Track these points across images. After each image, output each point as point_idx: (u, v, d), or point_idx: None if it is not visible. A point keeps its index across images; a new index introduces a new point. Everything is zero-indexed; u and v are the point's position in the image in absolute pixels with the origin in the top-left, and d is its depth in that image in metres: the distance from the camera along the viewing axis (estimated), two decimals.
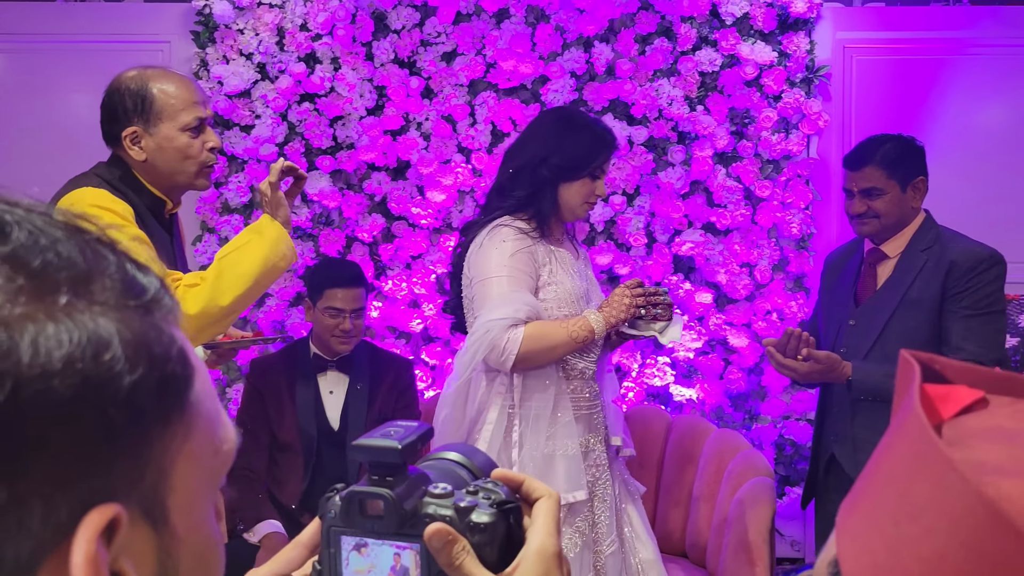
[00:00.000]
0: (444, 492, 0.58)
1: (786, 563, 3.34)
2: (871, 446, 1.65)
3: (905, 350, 0.46)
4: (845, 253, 2.48)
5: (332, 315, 2.69)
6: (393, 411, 2.75)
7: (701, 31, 3.31)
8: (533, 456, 1.99)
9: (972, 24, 3.38)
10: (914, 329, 2.20)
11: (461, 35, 3.29)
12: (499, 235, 2.03)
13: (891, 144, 2.28)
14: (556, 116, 2.20)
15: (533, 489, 0.61)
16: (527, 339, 1.93)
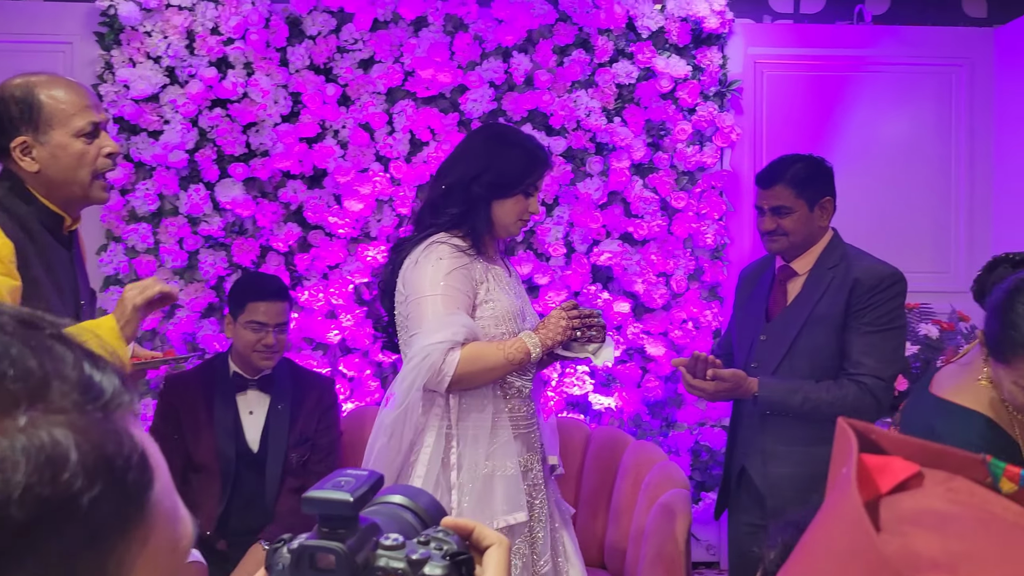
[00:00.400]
0: (396, 544, 0.57)
1: (702, 567, 3.41)
2: (780, 460, 1.67)
3: (842, 419, 0.46)
4: (758, 269, 2.53)
5: (255, 329, 2.60)
6: (315, 432, 2.69)
7: (618, 44, 3.35)
8: (472, 477, 1.96)
9: (874, 43, 3.51)
10: (821, 345, 2.26)
11: (378, 42, 3.25)
12: (435, 252, 1.99)
13: (801, 164, 2.34)
14: (489, 133, 2.18)
15: (483, 537, 0.61)
16: (463, 361, 1.90)
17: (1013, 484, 0.41)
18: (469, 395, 2.00)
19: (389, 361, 3.31)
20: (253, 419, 2.66)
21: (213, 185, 3.20)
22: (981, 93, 3.55)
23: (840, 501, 0.41)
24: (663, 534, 2.37)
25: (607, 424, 3.34)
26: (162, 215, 3.21)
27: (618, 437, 3.01)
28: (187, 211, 3.18)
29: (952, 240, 3.57)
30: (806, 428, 2.25)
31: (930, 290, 3.29)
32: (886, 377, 2.21)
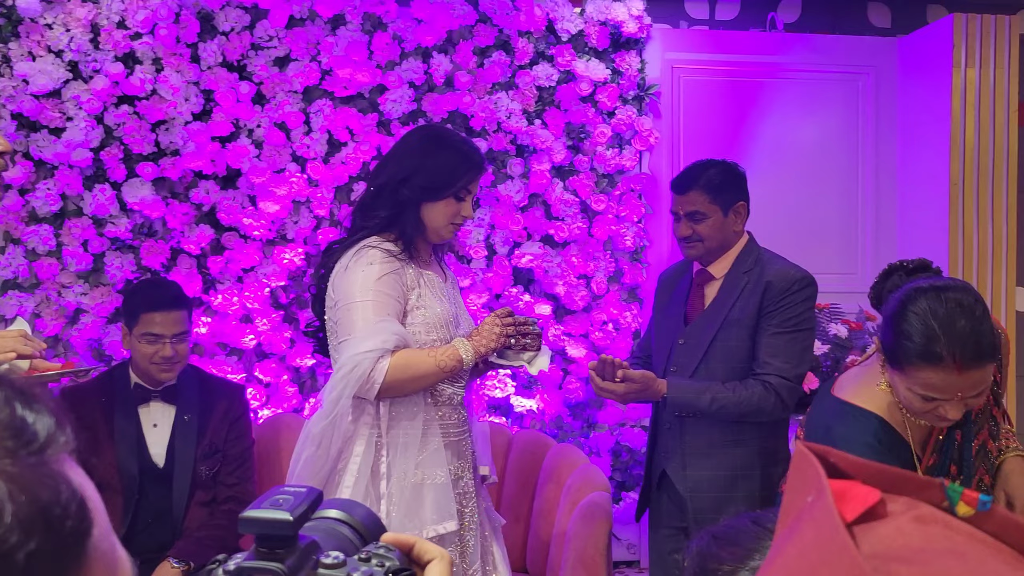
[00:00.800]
0: (336, 562, 0.56)
1: (623, 566, 3.44)
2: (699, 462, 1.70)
3: (801, 442, 0.45)
4: (676, 272, 2.56)
5: (150, 341, 2.48)
6: (225, 442, 2.58)
7: (538, 46, 3.36)
8: (402, 486, 1.92)
9: (786, 50, 3.61)
10: (735, 348, 2.30)
11: (294, 40, 3.18)
12: (366, 257, 1.94)
13: (715, 170, 2.37)
14: (422, 134, 2.12)
15: (424, 552, 0.61)
16: (393, 368, 1.86)
17: (970, 508, 0.41)
18: (399, 403, 1.96)
19: (307, 366, 3.24)
20: (158, 432, 2.53)
21: (120, 185, 3.08)
22: (886, 99, 3.69)
23: (819, 534, 0.40)
24: (584, 537, 2.38)
25: (528, 426, 3.34)
26: (65, 216, 3.07)
27: (540, 440, 3.01)
28: (92, 212, 3.05)
29: (859, 242, 3.70)
30: (723, 431, 2.29)
31: (839, 291, 3.40)
32: (792, 377, 2.25)
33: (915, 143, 3.58)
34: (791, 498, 0.45)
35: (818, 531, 0.40)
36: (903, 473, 0.43)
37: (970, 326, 1.51)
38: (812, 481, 0.42)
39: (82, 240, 3.06)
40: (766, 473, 2.29)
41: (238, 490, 2.56)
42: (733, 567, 0.78)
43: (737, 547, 0.80)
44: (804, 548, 0.41)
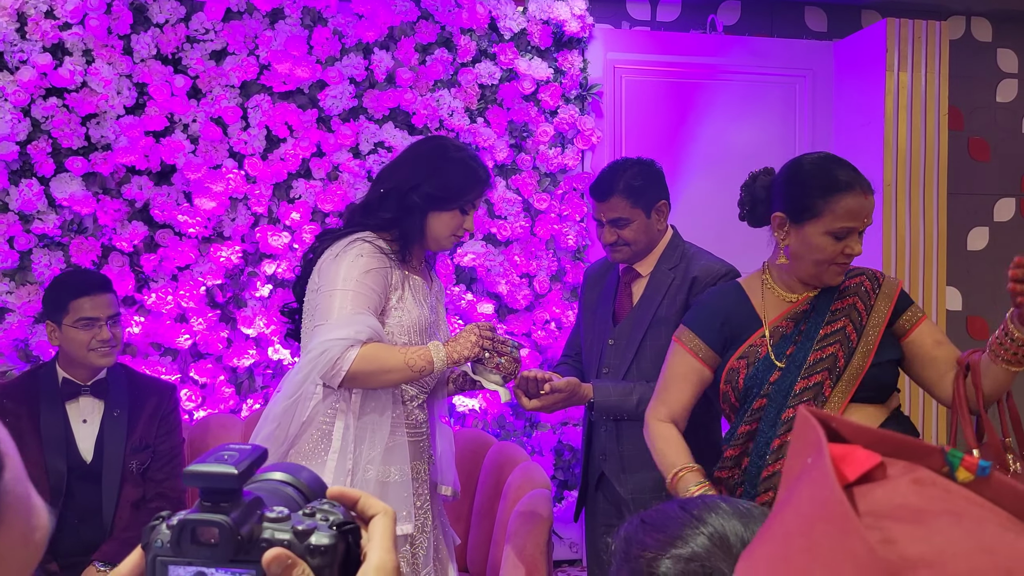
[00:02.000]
0: (281, 516, 0.57)
1: (565, 565, 3.44)
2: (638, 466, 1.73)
3: (804, 407, 0.45)
4: (603, 269, 2.52)
5: (85, 326, 2.42)
6: (155, 438, 2.53)
7: (480, 44, 3.34)
8: (365, 479, 1.92)
9: (725, 52, 3.66)
10: (665, 347, 2.24)
11: (231, 33, 3.11)
12: (356, 249, 1.94)
13: (632, 171, 2.32)
14: (435, 143, 2.13)
15: (368, 507, 0.61)
16: (360, 359, 1.84)
17: (969, 474, 0.42)
18: (370, 397, 1.95)
19: (245, 367, 3.17)
20: (87, 428, 2.47)
21: (48, 180, 2.98)
22: (822, 102, 3.76)
23: (815, 493, 0.40)
24: (524, 535, 2.36)
25: (471, 426, 3.32)
26: None
27: (481, 438, 2.99)
28: (18, 208, 2.94)
29: None
30: None
31: None
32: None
33: (850, 145, 3.66)
34: (792, 462, 0.45)
35: (815, 490, 0.41)
36: (903, 438, 0.44)
37: (851, 165, 1.84)
38: (812, 443, 0.42)
39: (8, 237, 2.95)
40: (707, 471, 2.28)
41: (167, 486, 2.51)
42: (655, 554, 0.78)
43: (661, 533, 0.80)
44: (801, 506, 0.42)
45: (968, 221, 3.98)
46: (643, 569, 0.78)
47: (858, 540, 0.37)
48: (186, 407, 3.08)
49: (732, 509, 0.80)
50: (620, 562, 0.81)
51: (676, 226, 2.44)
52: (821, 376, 1.84)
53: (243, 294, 3.18)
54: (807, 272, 1.87)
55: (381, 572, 0.58)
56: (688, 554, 0.77)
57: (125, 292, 3.05)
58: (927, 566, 0.37)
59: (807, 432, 0.44)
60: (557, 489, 3.37)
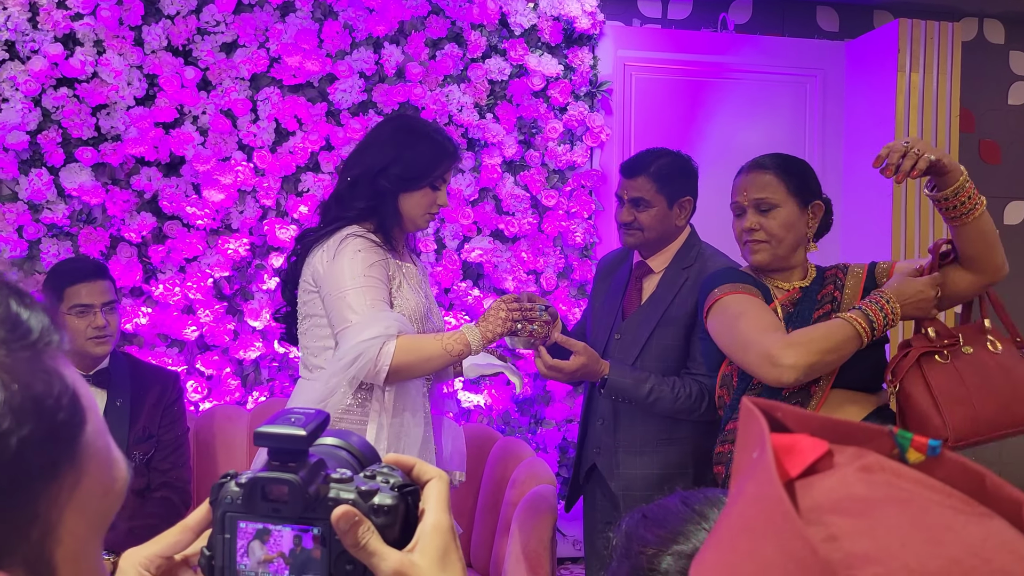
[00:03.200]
0: (344, 476, 0.60)
1: (568, 562, 3.44)
2: (632, 461, 1.73)
3: (747, 397, 0.44)
4: (616, 261, 2.51)
5: (80, 313, 2.40)
6: (159, 428, 2.52)
7: (491, 40, 3.34)
8: None
9: (736, 51, 3.64)
10: (671, 347, 2.26)
11: (242, 26, 3.12)
12: (353, 245, 1.94)
13: (667, 159, 2.32)
14: (396, 124, 2.11)
15: (424, 472, 0.64)
16: (400, 351, 1.85)
17: (920, 454, 0.41)
18: (401, 395, 1.95)
19: (251, 359, 3.17)
20: None
21: (58, 170, 2.99)
22: (832, 102, 3.75)
23: (758, 491, 0.39)
24: (528, 530, 2.36)
25: (476, 422, 3.32)
26: (0, 200, 2.97)
27: (486, 434, 2.99)
28: (28, 197, 2.95)
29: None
30: (657, 428, 2.26)
31: None
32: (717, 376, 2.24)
33: (860, 145, 3.64)
34: (739, 455, 0.44)
35: (758, 488, 0.39)
36: (850, 423, 0.42)
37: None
38: (755, 436, 0.41)
39: (17, 226, 2.96)
40: (699, 473, 2.25)
41: (172, 476, 2.51)
42: (656, 550, 0.78)
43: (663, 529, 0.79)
44: (746, 506, 0.40)
45: None
46: (644, 565, 0.77)
47: (799, 541, 0.36)
48: (192, 398, 3.08)
49: None
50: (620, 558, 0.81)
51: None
52: None
53: (250, 287, 3.19)
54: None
55: (438, 530, 0.61)
56: (690, 550, 0.76)
57: (133, 283, 3.06)
58: (872, 563, 0.36)
59: (751, 424, 0.43)
60: (561, 486, 3.36)
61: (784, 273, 2.00)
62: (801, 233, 1.97)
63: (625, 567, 0.79)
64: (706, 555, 0.43)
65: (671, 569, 0.76)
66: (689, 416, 2.21)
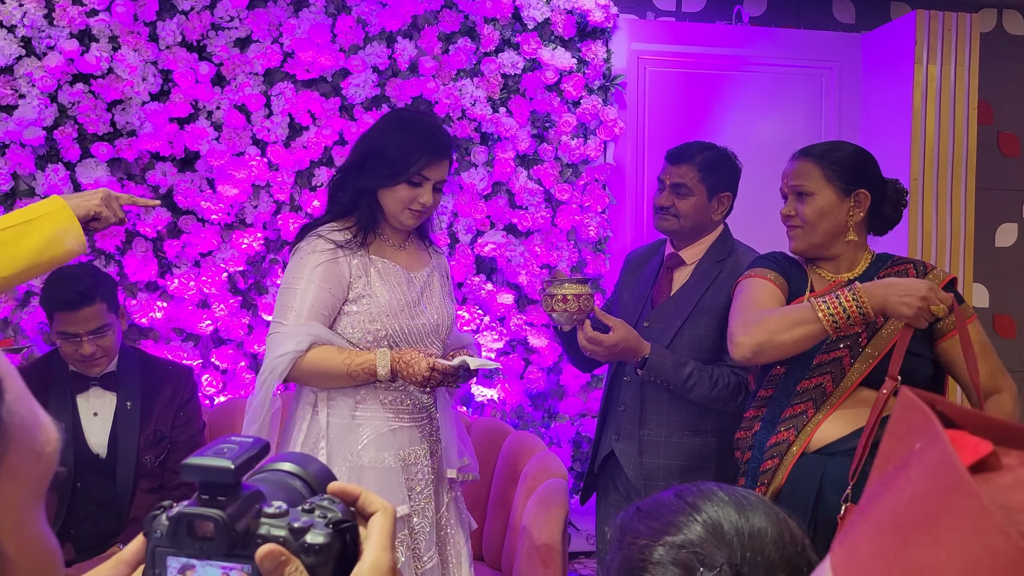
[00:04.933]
0: (279, 512, 0.56)
1: (581, 557, 3.44)
2: (656, 452, 1.72)
3: (907, 389, 0.43)
4: (646, 254, 2.52)
5: (67, 339, 2.33)
6: (172, 428, 2.48)
7: (504, 33, 3.33)
8: (341, 470, 1.93)
9: (751, 43, 3.62)
10: (704, 337, 2.27)
11: (256, 21, 3.13)
12: (311, 245, 1.97)
13: (714, 152, 2.36)
14: (389, 117, 2.08)
15: (368, 503, 0.61)
16: (305, 363, 1.90)
17: None
18: (336, 390, 1.98)
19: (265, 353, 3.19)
20: (98, 421, 2.40)
21: (74, 165, 3.01)
22: (849, 94, 3.71)
23: (935, 482, 0.38)
24: (540, 524, 2.36)
25: (489, 415, 3.32)
26: (16, 196, 2.99)
27: (498, 428, 2.99)
28: (44, 192, 2.97)
29: None
30: (683, 420, 2.27)
31: None
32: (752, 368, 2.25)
33: (877, 138, 3.61)
34: (892, 445, 0.42)
35: (935, 478, 0.38)
36: (1015, 425, 0.41)
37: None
38: (921, 427, 0.40)
39: None
40: (722, 467, 2.26)
41: None
42: (648, 541, 0.78)
43: (655, 521, 0.79)
44: (915, 495, 0.39)
45: (996, 217, 3.92)
46: (636, 556, 0.77)
47: (996, 532, 0.35)
48: (207, 392, 3.10)
49: (729, 497, 0.80)
50: (614, 549, 0.81)
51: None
52: (842, 352, 1.85)
53: (264, 281, 3.20)
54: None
55: (376, 571, 0.57)
56: (681, 542, 0.77)
57: (148, 278, 3.08)
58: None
59: (912, 415, 0.41)
60: (575, 480, 3.36)
61: (832, 263, 1.96)
62: (840, 221, 1.92)
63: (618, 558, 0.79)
64: (860, 543, 0.41)
65: (663, 559, 0.77)
66: (724, 406, 2.22)
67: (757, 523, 0.77)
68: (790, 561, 0.75)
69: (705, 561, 0.75)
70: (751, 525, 0.77)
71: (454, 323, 2.19)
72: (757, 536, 0.76)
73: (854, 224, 1.93)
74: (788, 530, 0.78)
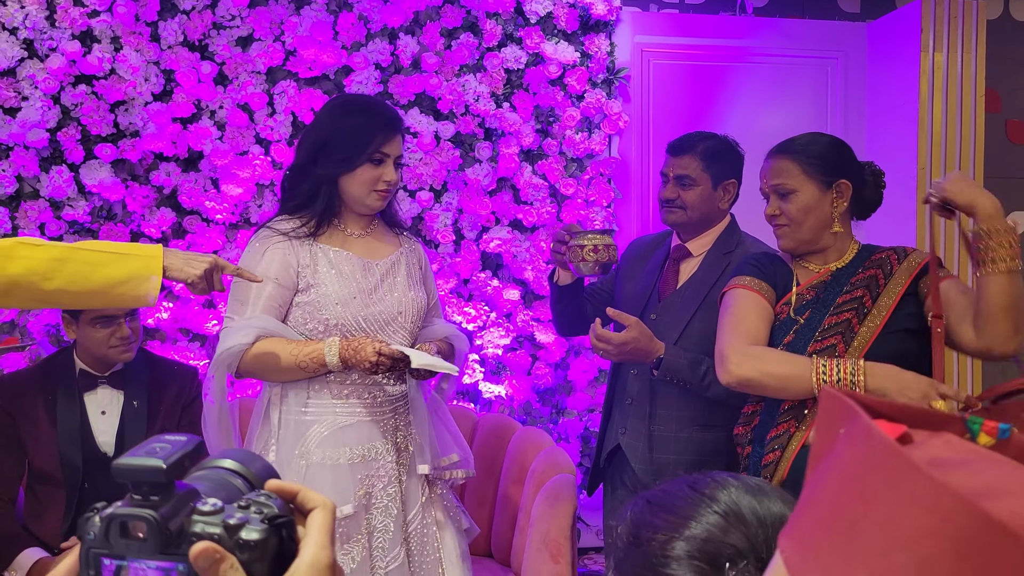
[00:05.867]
0: (213, 509, 0.56)
1: (591, 552, 3.43)
2: (666, 446, 1.71)
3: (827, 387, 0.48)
4: (652, 244, 2.49)
5: (104, 324, 2.34)
6: (178, 427, 2.47)
7: (506, 28, 3.32)
8: (291, 468, 1.92)
9: (755, 34, 3.59)
10: (713, 330, 2.25)
11: (257, 19, 3.12)
12: (259, 235, 1.99)
13: (714, 141, 2.34)
14: (331, 104, 2.05)
15: (307, 500, 0.59)
16: (251, 357, 1.89)
17: (990, 438, 0.43)
18: (288, 384, 1.97)
19: None
20: (106, 420, 2.40)
21: (78, 167, 3.01)
22: (855, 84, 3.69)
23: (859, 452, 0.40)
24: (548, 519, 2.35)
25: (496, 411, 3.31)
26: (21, 198, 3.00)
27: (505, 423, 2.98)
28: (49, 194, 2.98)
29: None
30: (693, 415, 2.24)
31: None
32: None
33: (883, 128, 3.59)
34: (820, 440, 0.45)
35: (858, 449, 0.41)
36: (923, 409, 0.45)
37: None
38: (842, 415, 0.43)
39: (39, 223, 2.99)
40: (732, 461, 2.24)
41: None
42: (668, 536, 0.76)
43: (672, 514, 0.77)
44: (844, 469, 0.41)
45: (1005, 205, 3.85)
46: (656, 552, 0.75)
47: (921, 477, 0.37)
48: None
49: (743, 485, 0.78)
50: (628, 547, 0.79)
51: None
52: (834, 340, 1.83)
53: None
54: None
55: (313, 568, 0.56)
56: (703, 534, 0.74)
57: None
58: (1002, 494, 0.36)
59: (834, 407, 0.44)
60: (583, 476, 3.35)
61: (819, 255, 1.95)
62: (825, 214, 1.91)
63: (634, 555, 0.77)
64: (801, 522, 0.43)
65: (684, 555, 0.74)
66: (742, 401, 2.20)
67: (776, 509, 0.76)
68: None
69: (731, 555, 0.73)
70: (771, 512, 0.75)
71: (428, 312, 2.14)
72: (778, 523, 0.74)
73: (839, 215, 1.93)
74: None
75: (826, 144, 1.96)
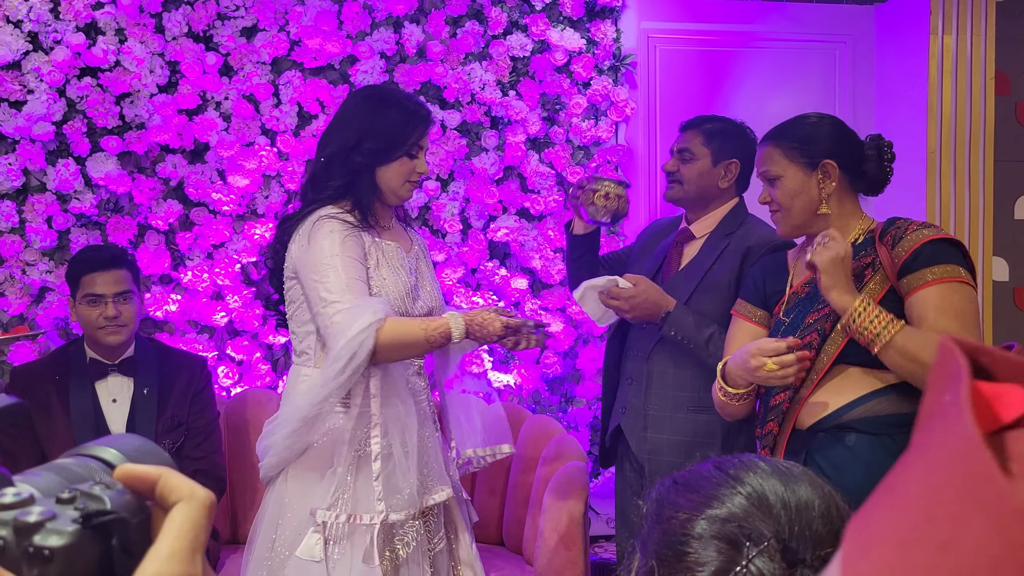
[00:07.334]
0: (16, 500, 0.41)
1: (602, 540, 3.43)
2: (661, 427, 1.73)
3: (947, 337, 0.38)
4: (667, 227, 2.53)
5: (92, 303, 2.40)
6: (188, 415, 2.51)
7: (511, 15, 3.30)
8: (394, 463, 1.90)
9: (762, 19, 3.57)
10: (711, 312, 2.24)
11: (262, 10, 3.10)
12: (326, 226, 1.91)
13: (722, 122, 2.37)
14: (363, 96, 2.07)
15: (169, 490, 0.43)
16: (384, 336, 1.80)
17: None
18: (388, 380, 1.92)
19: (280, 343, 3.18)
20: (117, 407, 2.45)
21: (84, 160, 3.00)
22: (863, 68, 3.66)
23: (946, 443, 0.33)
24: (560, 507, 2.35)
25: (506, 401, 3.31)
26: (28, 192, 2.99)
27: (515, 412, 2.97)
28: (56, 187, 2.97)
29: None
30: (690, 395, 2.26)
31: None
32: None
33: (892, 112, 3.56)
34: (930, 397, 0.37)
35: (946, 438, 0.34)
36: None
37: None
38: (951, 378, 0.35)
39: (46, 216, 2.99)
40: (727, 443, 2.24)
41: (206, 463, 2.52)
42: (689, 515, 0.76)
43: (696, 494, 0.77)
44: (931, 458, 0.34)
45: (1015, 189, 3.86)
46: (677, 530, 0.75)
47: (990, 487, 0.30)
48: (223, 384, 3.10)
49: (771, 468, 0.77)
50: (652, 524, 0.79)
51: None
52: (811, 337, 1.82)
53: None
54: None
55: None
56: (725, 515, 0.74)
57: (161, 270, 3.08)
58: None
59: (948, 363, 0.36)
60: (593, 465, 3.34)
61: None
62: (812, 197, 1.87)
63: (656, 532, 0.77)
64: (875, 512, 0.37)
65: (705, 533, 0.74)
66: None
67: (803, 495, 0.75)
68: (838, 535, 0.73)
69: (752, 535, 0.72)
70: (797, 497, 0.75)
71: (442, 307, 2.16)
72: (804, 509, 0.74)
73: (827, 196, 1.88)
74: (835, 503, 0.76)
75: (810, 125, 1.92)
